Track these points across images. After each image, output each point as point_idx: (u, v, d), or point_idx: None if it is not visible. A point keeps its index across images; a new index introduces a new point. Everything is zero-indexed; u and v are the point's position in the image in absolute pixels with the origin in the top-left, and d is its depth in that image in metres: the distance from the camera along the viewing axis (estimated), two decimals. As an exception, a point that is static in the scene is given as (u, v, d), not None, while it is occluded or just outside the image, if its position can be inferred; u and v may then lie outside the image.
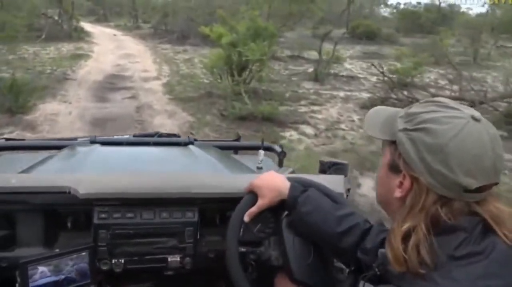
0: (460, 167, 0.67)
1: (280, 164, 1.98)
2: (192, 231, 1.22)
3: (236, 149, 2.19)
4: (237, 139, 2.27)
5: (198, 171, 1.51)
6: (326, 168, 1.52)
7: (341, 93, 9.64)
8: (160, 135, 1.96)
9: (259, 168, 1.76)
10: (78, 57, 12.95)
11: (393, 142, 0.75)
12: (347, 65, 14.01)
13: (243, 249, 1.15)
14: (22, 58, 12.00)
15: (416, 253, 0.68)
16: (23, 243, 1.18)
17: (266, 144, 1.93)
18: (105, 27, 24.53)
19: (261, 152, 1.82)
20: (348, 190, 1.36)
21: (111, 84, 9.39)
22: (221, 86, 8.32)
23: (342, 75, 11.85)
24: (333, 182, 1.25)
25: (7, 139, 1.94)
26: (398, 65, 10.73)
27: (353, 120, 7.46)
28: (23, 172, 1.48)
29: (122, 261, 1.19)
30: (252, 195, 1.11)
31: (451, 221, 0.68)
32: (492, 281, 0.65)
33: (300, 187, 1.08)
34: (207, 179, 1.35)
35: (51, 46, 14.89)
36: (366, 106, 8.02)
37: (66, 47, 15.11)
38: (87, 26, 21.70)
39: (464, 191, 0.68)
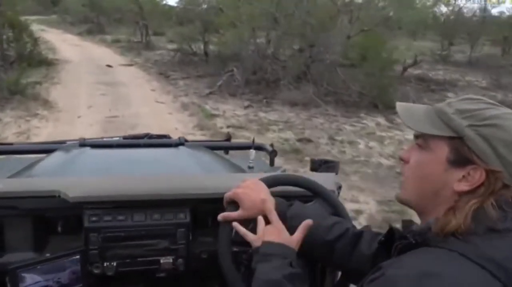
0: None
1: (271, 163, 1.98)
2: (184, 232, 1.22)
3: (227, 149, 2.19)
4: (228, 140, 2.27)
5: (189, 172, 1.51)
6: (317, 166, 1.53)
7: None
8: (151, 137, 1.95)
9: (251, 167, 1.76)
10: None
11: (453, 138, 0.78)
12: None
13: (235, 249, 1.15)
14: None
15: (464, 220, 0.72)
16: (13, 248, 1.17)
17: (257, 143, 1.93)
18: (98, 44, 15.88)
19: (252, 151, 1.82)
20: (339, 187, 1.37)
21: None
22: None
23: None
24: (324, 180, 1.26)
25: None
26: None
27: None
28: (12, 176, 1.47)
29: (114, 264, 1.18)
30: (234, 206, 1.07)
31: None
32: None
33: (285, 202, 1.09)
34: (198, 179, 1.34)
35: None
36: None
37: None
38: (70, 42, 14.83)
39: None
